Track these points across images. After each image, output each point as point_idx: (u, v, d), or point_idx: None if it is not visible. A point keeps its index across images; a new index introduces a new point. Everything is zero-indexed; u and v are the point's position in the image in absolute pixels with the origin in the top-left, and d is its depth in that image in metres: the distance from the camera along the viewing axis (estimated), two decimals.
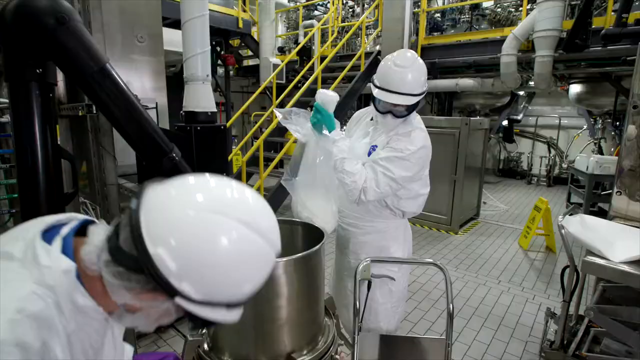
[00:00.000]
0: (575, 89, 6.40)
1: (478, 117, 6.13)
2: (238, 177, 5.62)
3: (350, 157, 1.55)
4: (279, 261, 0.96)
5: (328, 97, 1.55)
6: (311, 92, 6.74)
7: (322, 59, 6.76)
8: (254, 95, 5.83)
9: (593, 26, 4.59)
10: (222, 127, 1.54)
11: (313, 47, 7.82)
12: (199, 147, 1.46)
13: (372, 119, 1.78)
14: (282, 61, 7.61)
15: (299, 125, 1.58)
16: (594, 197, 5.30)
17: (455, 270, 3.92)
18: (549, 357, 2.23)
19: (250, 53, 8.68)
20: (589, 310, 2.03)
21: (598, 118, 6.84)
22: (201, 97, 1.47)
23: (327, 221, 1.56)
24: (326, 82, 7.04)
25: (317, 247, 1.03)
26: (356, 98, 6.66)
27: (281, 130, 5.97)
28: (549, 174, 8.60)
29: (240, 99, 10.20)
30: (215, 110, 1.54)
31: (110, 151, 1.33)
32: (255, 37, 8.02)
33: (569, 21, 4.88)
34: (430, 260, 1.64)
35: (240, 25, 7.07)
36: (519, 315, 3.05)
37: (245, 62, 9.33)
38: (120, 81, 1.08)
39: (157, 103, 1.93)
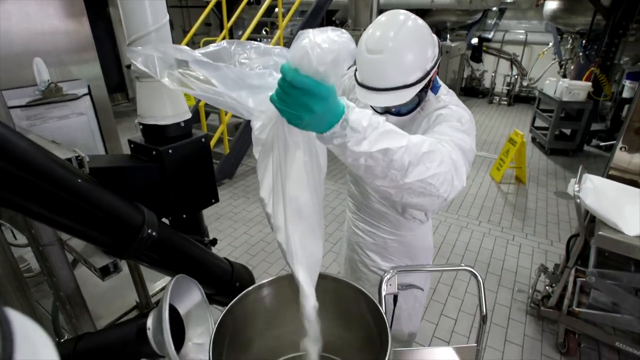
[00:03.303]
0: (551, 5, 6.02)
1: (454, 43, 5.67)
2: (195, 117, 4.95)
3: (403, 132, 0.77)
4: None
5: (334, 50, 0.58)
6: (269, 11, 5.76)
7: None
8: (203, 16, 4.82)
9: None
10: (204, 140, 1.07)
11: None
12: (175, 175, 1.00)
13: None
14: None
15: (232, 91, 0.65)
16: (561, 124, 5.36)
17: (436, 213, 3.91)
18: (545, 315, 2.31)
19: None
20: (590, 276, 2.05)
21: (568, 37, 6.64)
22: (166, 102, 0.97)
23: (313, 272, 0.85)
24: None
25: None
26: (321, 17, 5.81)
27: None
28: (509, 92, 8.63)
29: (180, 15, 8.66)
30: (189, 115, 1.05)
31: None
32: None
33: None
34: (465, 266, 1.43)
35: None
36: (502, 260, 3.14)
37: None
38: (26, 144, 0.54)
39: (89, 86, 1.32)
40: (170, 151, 0.94)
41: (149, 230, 0.74)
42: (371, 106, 1.18)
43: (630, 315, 2.02)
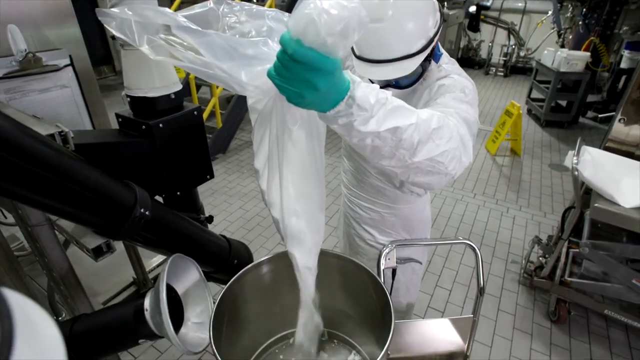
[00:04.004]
0: None
1: (452, 11, 5.49)
2: (186, 90, 4.80)
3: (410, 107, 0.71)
4: None
5: (343, 17, 0.51)
6: None
7: None
8: None
9: None
10: (196, 113, 1.02)
11: None
12: (166, 151, 0.96)
13: None
14: None
15: (222, 61, 0.59)
16: (557, 95, 5.31)
17: None
18: (537, 284, 2.36)
19: None
20: (583, 247, 2.07)
21: (568, 5, 6.46)
22: (155, 72, 0.90)
23: (313, 254, 0.82)
24: None
25: None
26: None
27: None
28: (506, 63, 8.49)
29: None
30: (180, 86, 0.99)
31: None
32: None
33: None
34: (464, 239, 1.43)
35: None
36: (497, 232, 3.18)
37: None
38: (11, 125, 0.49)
39: (71, 57, 1.23)
40: (160, 125, 0.89)
41: (142, 210, 0.71)
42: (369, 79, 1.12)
43: (620, 284, 2.06)
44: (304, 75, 0.54)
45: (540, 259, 2.47)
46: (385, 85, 1.11)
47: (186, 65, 0.60)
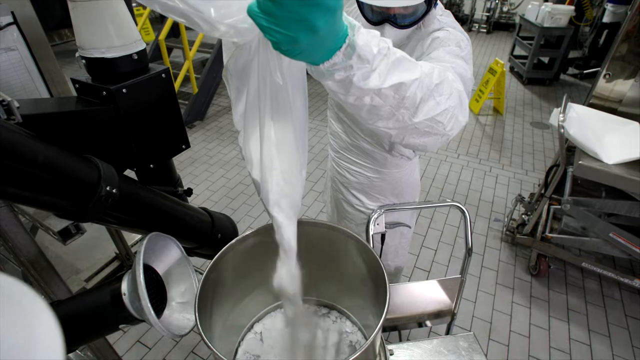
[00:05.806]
0: None
1: None
2: (156, 54, 4.50)
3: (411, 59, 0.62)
4: None
5: None
6: None
7: None
8: None
9: None
10: (164, 76, 0.91)
11: None
12: (133, 119, 0.86)
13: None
14: None
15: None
16: (540, 52, 5.24)
17: None
18: (519, 241, 2.42)
19: None
20: (565, 204, 2.11)
21: None
22: (110, 28, 0.78)
23: (293, 212, 0.71)
24: None
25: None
26: None
27: None
28: (489, 19, 8.31)
29: None
30: (143, 45, 0.87)
31: None
32: None
33: None
34: (453, 202, 1.42)
35: None
36: (480, 191, 3.22)
37: None
38: None
39: (14, 14, 1.05)
40: (124, 90, 0.79)
41: (108, 188, 0.63)
42: (362, 12, 0.99)
43: (597, 238, 2.14)
44: (298, 12, 0.40)
45: (523, 216, 2.53)
46: (383, 20, 0.99)
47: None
